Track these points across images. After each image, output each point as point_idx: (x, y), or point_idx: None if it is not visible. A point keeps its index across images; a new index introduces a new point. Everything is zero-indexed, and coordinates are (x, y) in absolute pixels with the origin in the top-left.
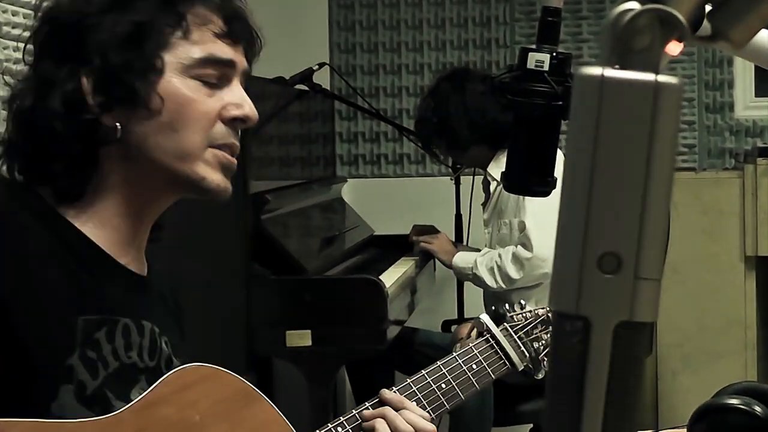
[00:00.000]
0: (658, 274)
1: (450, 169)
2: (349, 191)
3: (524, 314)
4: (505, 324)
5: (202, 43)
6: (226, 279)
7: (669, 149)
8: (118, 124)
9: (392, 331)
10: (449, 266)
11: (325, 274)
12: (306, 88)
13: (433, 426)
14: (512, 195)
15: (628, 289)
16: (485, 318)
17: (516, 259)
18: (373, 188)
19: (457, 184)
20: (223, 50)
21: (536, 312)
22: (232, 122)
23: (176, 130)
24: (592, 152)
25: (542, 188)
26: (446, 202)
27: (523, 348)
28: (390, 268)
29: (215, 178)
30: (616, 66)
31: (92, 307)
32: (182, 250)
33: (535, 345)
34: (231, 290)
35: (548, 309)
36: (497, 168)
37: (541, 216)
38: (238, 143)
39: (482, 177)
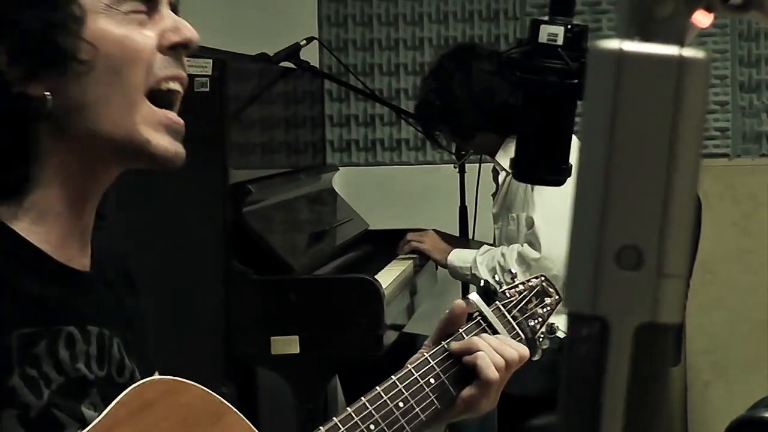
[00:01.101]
0: (684, 271)
1: (454, 156)
2: (340, 181)
3: (517, 288)
4: (497, 302)
5: None
6: (203, 279)
7: (696, 132)
8: (47, 92)
9: (389, 337)
10: (444, 265)
11: (314, 273)
12: (292, 66)
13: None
14: (521, 187)
15: (650, 286)
16: (475, 298)
17: (522, 259)
18: (367, 178)
19: (462, 172)
20: None
21: (529, 283)
22: (174, 50)
23: (117, 73)
24: (610, 135)
25: (555, 176)
26: (449, 193)
27: (518, 329)
28: (387, 267)
29: (162, 141)
30: (636, 38)
31: (29, 319)
32: (154, 247)
33: (531, 323)
34: (209, 291)
35: (543, 278)
36: (506, 156)
37: (552, 211)
38: (184, 72)
39: (492, 165)
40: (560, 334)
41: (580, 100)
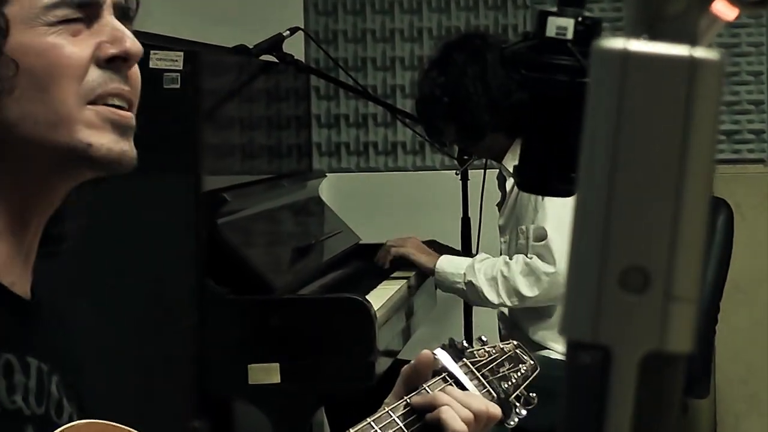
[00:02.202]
0: (696, 294)
1: (455, 162)
2: (328, 189)
3: (486, 350)
4: (465, 360)
5: None
6: (172, 299)
7: (708, 139)
8: None
9: (382, 365)
10: (430, 271)
11: (297, 292)
12: (274, 60)
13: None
14: (531, 196)
15: (657, 311)
16: (441, 353)
17: (530, 271)
18: (358, 185)
19: (464, 179)
20: None
21: (501, 347)
22: (112, 63)
23: (43, 90)
24: (613, 144)
25: (564, 186)
26: (450, 202)
27: (489, 388)
28: (379, 286)
29: (104, 141)
30: (643, 37)
31: None
32: (116, 264)
33: (504, 385)
34: (179, 313)
35: (516, 344)
36: (515, 161)
37: (567, 221)
38: (127, 87)
39: (497, 171)
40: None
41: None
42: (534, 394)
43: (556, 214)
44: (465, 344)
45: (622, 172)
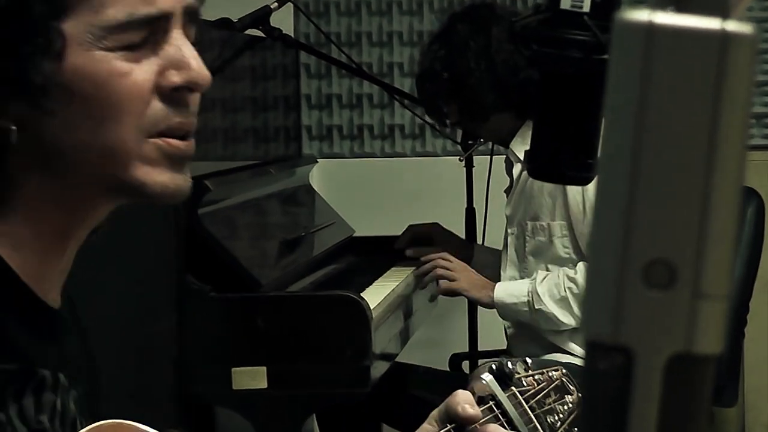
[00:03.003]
0: (726, 290)
1: (459, 146)
2: (320, 176)
3: (534, 377)
4: (513, 389)
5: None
6: (149, 297)
7: (740, 121)
8: (13, 126)
9: (379, 369)
10: (489, 305)
11: (286, 290)
12: (261, 34)
13: None
14: (546, 186)
15: (684, 309)
16: (489, 379)
17: None
18: (352, 172)
19: (469, 166)
20: (154, 3)
21: (549, 374)
22: (176, 93)
23: (98, 122)
24: (637, 126)
25: (579, 173)
26: (454, 191)
27: (535, 422)
28: (376, 283)
29: (160, 179)
30: (670, 9)
31: (5, 354)
32: (88, 259)
33: (550, 419)
34: (157, 312)
35: (563, 372)
36: (524, 144)
37: None
38: (189, 119)
39: (505, 156)
40: None
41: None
42: (576, 429)
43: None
44: (512, 367)
45: (646, 157)
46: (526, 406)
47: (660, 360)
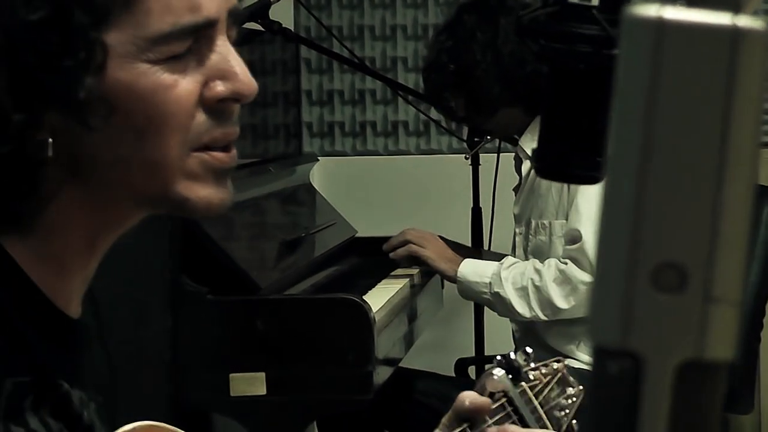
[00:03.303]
0: (739, 294)
1: (465, 144)
2: (321, 175)
3: (540, 370)
4: (523, 384)
5: (162, 2)
6: (144, 300)
7: (752, 118)
8: (50, 138)
9: (382, 375)
10: (451, 278)
11: (285, 292)
12: (260, 28)
13: None
14: (554, 185)
15: (695, 314)
16: (501, 375)
17: (564, 279)
18: (354, 171)
19: (475, 164)
20: (198, 6)
21: (553, 368)
22: (221, 104)
23: (141, 137)
24: (646, 123)
25: (588, 172)
26: (459, 190)
27: (545, 419)
28: (379, 285)
29: (204, 194)
30: (681, 3)
31: (22, 366)
32: None
33: (557, 414)
34: (151, 316)
35: (564, 364)
36: (533, 141)
37: None
38: (232, 130)
39: (514, 153)
40: None
41: None
42: (575, 421)
43: (592, 213)
44: (520, 361)
45: (656, 156)
46: (536, 403)
47: (670, 366)
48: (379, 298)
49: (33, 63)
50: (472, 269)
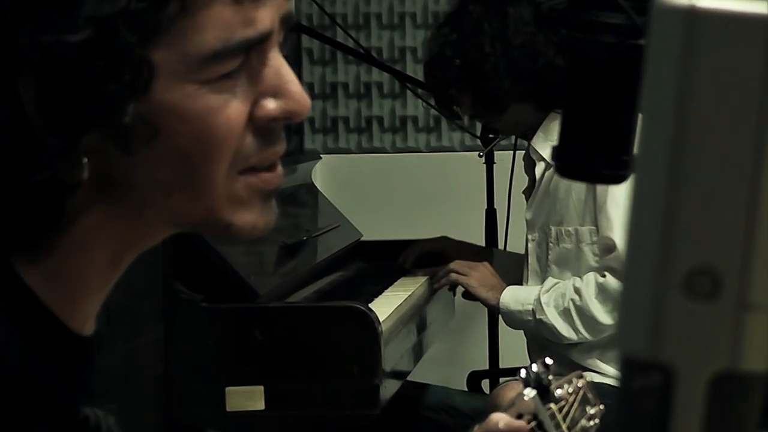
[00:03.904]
0: None
1: (479, 141)
2: (324, 174)
3: (564, 387)
4: (552, 406)
5: (214, 17)
6: (135, 308)
7: None
8: (85, 159)
9: (389, 388)
10: (494, 308)
11: (285, 300)
12: None
13: None
14: (575, 188)
15: (729, 322)
16: (532, 395)
17: (605, 292)
18: (360, 169)
19: (490, 162)
20: (252, 19)
21: (577, 385)
22: (271, 123)
23: (185, 161)
24: (677, 119)
25: (613, 171)
26: (473, 190)
27: None
28: (386, 292)
29: (249, 219)
30: None
31: (36, 396)
32: None
33: None
34: (142, 325)
35: (588, 382)
36: (547, 140)
37: None
38: (281, 147)
39: (524, 155)
40: None
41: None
42: None
43: (624, 219)
44: (542, 374)
45: (688, 153)
46: (564, 427)
47: (703, 378)
48: (387, 306)
49: (74, 87)
50: (513, 297)
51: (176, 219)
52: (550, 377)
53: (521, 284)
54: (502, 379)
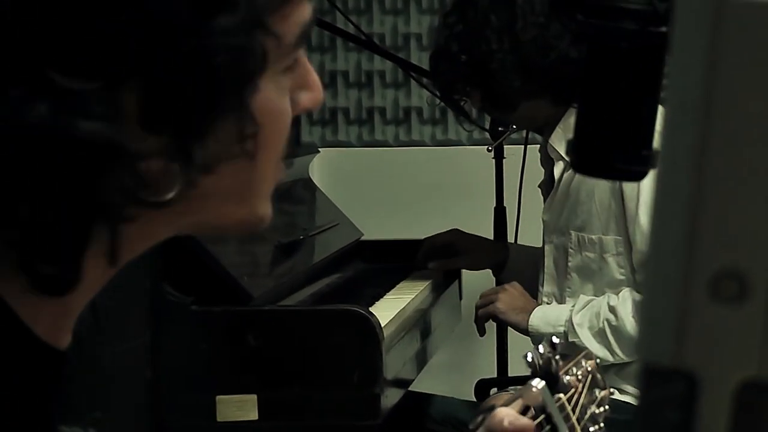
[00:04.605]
0: None
1: (487, 134)
2: (322, 169)
3: (575, 375)
4: (561, 396)
5: (294, 6)
6: (120, 311)
7: None
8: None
9: (391, 398)
10: (524, 330)
11: (280, 303)
12: None
13: None
14: (599, 189)
15: (756, 328)
16: (541, 387)
17: None
18: (360, 164)
19: (499, 157)
20: (308, 4)
21: (586, 369)
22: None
23: (257, 161)
24: (703, 113)
25: (632, 166)
26: (481, 187)
27: None
28: (387, 296)
29: (268, 209)
30: None
31: (14, 418)
32: None
33: (591, 429)
34: (128, 329)
35: (595, 364)
36: (566, 137)
37: None
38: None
39: (540, 145)
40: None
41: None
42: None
43: None
44: (555, 360)
45: (714, 150)
46: (574, 419)
47: (728, 386)
48: (389, 310)
49: (226, 73)
50: (543, 319)
51: (213, 225)
52: (557, 357)
53: (537, 282)
54: (510, 388)
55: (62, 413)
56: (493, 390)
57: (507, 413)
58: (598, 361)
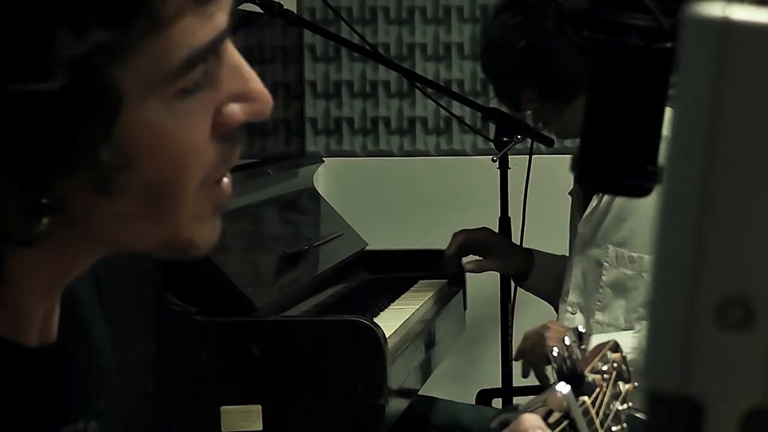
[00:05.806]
0: None
1: (492, 144)
2: (326, 178)
3: (600, 371)
4: (586, 400)
5: (182, 27)
6: (124, 321)
7: None
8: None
9: (396, 407)
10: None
11: (285, 314)
12: (258, 10)
13: None
14: (644, 207)
15: (763, 354)
16: (566, 391)
17: None
18: (365, 174)
19: (504, 167)
20: (212, 20)
21: (610, 358)
22: (235, 128)
23: (154, 192)
24: (710, 133)
25: (637, 182)
26: (485, 197)
27: None
28: (392, 306)
29: (206, 234)
30: (748, 1)
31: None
32: None
33: (615, 429)
34: (132, 339)
35: (621, 357)
36: None
37: None
38: (240, 146)
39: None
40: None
41: (674, 71)
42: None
43: None
44: (581, 351)
45: (720, 171)
46: (597, 424)
47: (734, 415)
48: (393, 320)
49: (50, 135)
50: None
51: (131, 245)
52: (583, 347)
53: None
54: (515, 399)
55: (61, 406)
56: (496, 399)
57: (534, 424)
58: (625, 354)
